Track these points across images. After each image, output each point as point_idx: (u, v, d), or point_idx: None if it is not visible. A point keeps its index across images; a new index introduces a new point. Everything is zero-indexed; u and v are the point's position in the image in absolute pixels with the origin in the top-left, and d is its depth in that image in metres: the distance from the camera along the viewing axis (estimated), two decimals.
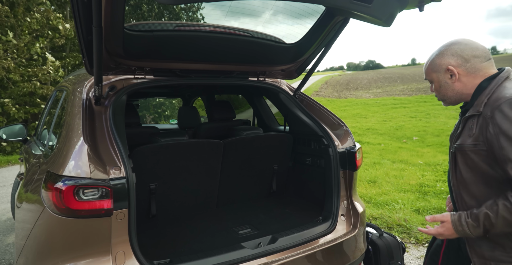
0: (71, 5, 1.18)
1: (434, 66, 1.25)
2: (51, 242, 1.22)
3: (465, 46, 1.20)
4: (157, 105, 12.64)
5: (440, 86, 1.26)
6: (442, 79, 1.25)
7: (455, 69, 1.20)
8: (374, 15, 1.29)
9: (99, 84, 1.40)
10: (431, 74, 1.27)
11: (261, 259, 1.43)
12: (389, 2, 1.27)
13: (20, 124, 2.93)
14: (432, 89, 1.31)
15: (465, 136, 1.17)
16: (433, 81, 1.28)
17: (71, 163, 1.22)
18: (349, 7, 1.23)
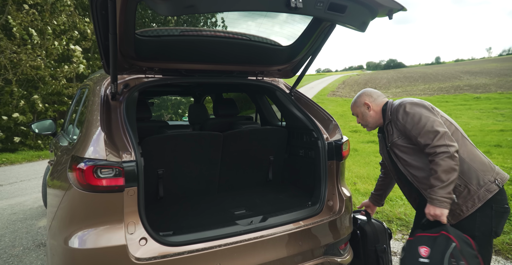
0: (91, 16, 1.43)
1: (356, 103, 1.87)
2: (76, 211, 1.47)
3: (370, 91, 1.87)
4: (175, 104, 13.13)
5: (363, 116, 1.84)
6: (362, 111, 1.84)
7: (369, 103, 1.82)
8: (347, 23, 1.47)
9: (114, 82, 1.65)
10: (356, 109, 1.87)
11: (251, 234, 1.64)
12: (360, 12, 1.43)
13: (50, 120, 3.26)
14: (358, 121, 1.89)
15: (390, 136, 1.73)
16: (358, 114, 1.86)
17: (91, 148, 1.47)
18: (325, 17, 1.41)
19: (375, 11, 1.46)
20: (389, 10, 1.45)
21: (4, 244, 3.17)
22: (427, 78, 34.29)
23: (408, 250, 1.54)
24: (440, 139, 1.49)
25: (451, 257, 1.38)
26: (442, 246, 1.42)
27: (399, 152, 1.70)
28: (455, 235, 1.44)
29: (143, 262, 1.41)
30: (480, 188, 1.53)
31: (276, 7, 1.28)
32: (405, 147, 1.67)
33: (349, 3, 1.37)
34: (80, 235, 1.40)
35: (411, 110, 1.61)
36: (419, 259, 1.45)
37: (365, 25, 1.51)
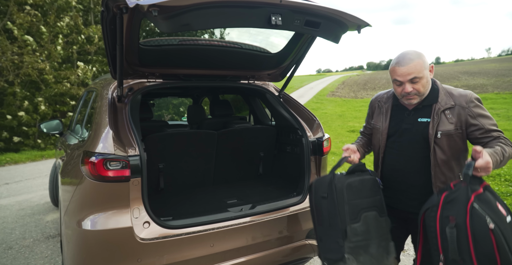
0: (102, 30, 1.66)
1: (425, 64, 1.43)
2: (88, 198, 1.69)
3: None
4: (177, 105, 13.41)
5: (427, 81, 1.46)
6: (428, 76, 1.47)
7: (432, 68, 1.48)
8: (322, 36, 1.71)
9: (120, 86, 1.88)
10: (424, 71, 1.43)
11: (241, 219, 1.86)
12: (332, 27, 1.66)
13: (57, 120, 3.49)
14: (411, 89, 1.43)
15: (445, 124, 1.44)
16: (423, 78, 1.43)
17: (100, 144, 1.70)
18: (303, 31, 1.64)
19: (345, 26, 1.69)
20: (357, 26, 1.68)
21: (15, 236, 3.40)
22: None
23: (493, 211, 1.20)
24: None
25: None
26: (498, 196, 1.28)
27: (445, 145, 1.44)
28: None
29: (146, 242, 1.63)
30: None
31: (259, 24, 1.51)
32: (456, 142, 1.45)
33: (322, 20, 1.59)
34: (91, 218, 1.63)
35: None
36: (507, 219, 1.21)
37: (338, 37, 1.74)
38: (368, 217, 1.48)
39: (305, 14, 1.54)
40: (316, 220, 1.59)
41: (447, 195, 1.27)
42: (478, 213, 1.18)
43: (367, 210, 1.49)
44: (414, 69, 1.42)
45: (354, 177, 1.53)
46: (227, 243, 1.82)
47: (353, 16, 1.61)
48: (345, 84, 32.68)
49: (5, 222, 3.85)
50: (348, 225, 1.43)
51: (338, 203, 1.46)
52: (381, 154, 1.64)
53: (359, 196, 1.49)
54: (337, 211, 1.46)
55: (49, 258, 2.89)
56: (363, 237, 1.45)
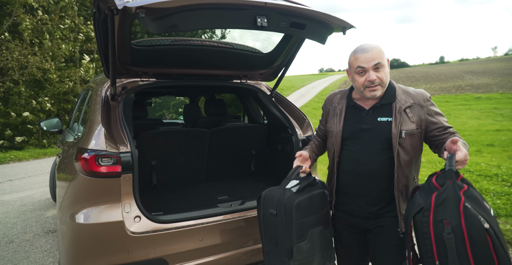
0: (94, 30, 1.72)
1: (385, 53, 1.38)
2: (81, 193, 1.76)
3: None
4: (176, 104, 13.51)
5: (388, 73, 1.41)
6: (388, 67, 1.41)
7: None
8: (308, 37, 1.75)
9: (114, 85, 1.94)
10: (385, 59, 1.38)
11: (230, 215, 1.92)
12: (318, 28, 1.70)
13: (57, 118, 3.56)
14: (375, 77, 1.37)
15: (407, 123, 1.38)
16: (385, 66, 1.38)
17: (93, 141, 1.76)
18: (289, 32, 1.68)
19: (330, 28, 1.73)
20: (343, 27, 1.73)
21: (16, 231, 3.49)
22: (429, 78, 34.32)
23: (483, 209, 1.13)
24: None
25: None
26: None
27: (408, 145, 1.39)
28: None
29: (137, 235, 1.70)
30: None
31: (245, 26, 1.55)
32: (417, 142, 1.42)
33: (307, 22, 1.64)
34: (84, 211, 1.69)
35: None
36: (491, 213, 1.15)
37: (324, 38, 1.78)
38: (314, 233, 1.47)
39: (290, 16, 1.59)
40: (263, 234, 1.55)
41: (437, 196, 1.15)
42: (472, 213, 1.09)
43: (314, 227, 1.47)
44: (378, 55, 1.37)
45: (303, 195, 1.47)
46: (216, 237, 1.88)
47: (337, 18, 1.66)
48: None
49: (7, 217, 3.95)
50: (295, 245, 1.41)
51: (287, 223, 1.42)
52: (336, 158, 1.54)
53: (307, 214, 1.46)
54: (285, 231, 1.43)
55: (48, 252, 2.97)
56: (308, 254, 1.45)
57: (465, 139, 9.77)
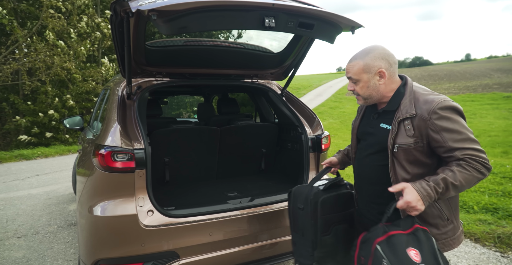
0: (111, 32, 1.81)
1: (366, 67, 1.31)
2: (98, 187, 1.86)
3: (388, 52, 1.32)
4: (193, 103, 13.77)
5: (368, 86, 1.34)
6: (371, 80, 1.33)
7: (385, 72, 1.31)
8: (317, 37, 1.76)
9: (129, 85, 2.03)
10: (361, 74, 1.33)
11: (239, 211, 1.97)
12: (326, 28, 1.71)
13: (79, 117, 3.75)
14: (352, 88, 1.38)
15: (403, 136, 1.26)
16: (360, 81, 1.34)
17: (109, 138, 1.85)
18: (297, 32, 1.70)
19: (339, 27, 1.73)
20: (351, 27, 1.73)
21: (41, 223, 3.70)
22: (454, 77, 33.00)
23: (394, 257, 1.15)
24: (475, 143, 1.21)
25: (440, 253, 1.18)
26: (428, 244, 1.18)
27: (403, 160, 1.29)
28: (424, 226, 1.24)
29: (150, 228, 1.78)
30: (459, 227, 1.34)
31: (253, 26, 1.59)
32: (415, 157, 1.28)
33: (315, 21, 1.65)
34: (101, 204, 1.79)
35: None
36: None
37: (333, 38, 1.78)
38: (338, 230, 1.55)
39: (297, 16, 1.60)
40: (292, 226, 1.69)
41: (365, 235, 1.26)
42: (378, 255, 1.16)
43: (338, 223, 1.56)
44: (351, 70, 1.35)
45: (330, 193, 1.57)
46: (226, 232, 1.93)
47: (345, 18, 1.66)
48: None
49: (34, 209, 4.19)
50: (319, 238, 1.52)
51: (312, 217, 1.53)
52: (353, 154, 1.57)
53: (332, 211, 1.55)
54: (310, 224, 1.54)
55: (70, 243, 3.14)
56: (332, 248, 1.54)
57: (491, 139, 9.36)
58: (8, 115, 10.91)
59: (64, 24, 10.02)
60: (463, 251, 2.78)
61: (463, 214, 3.40)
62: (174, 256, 1.82)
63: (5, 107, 10.92)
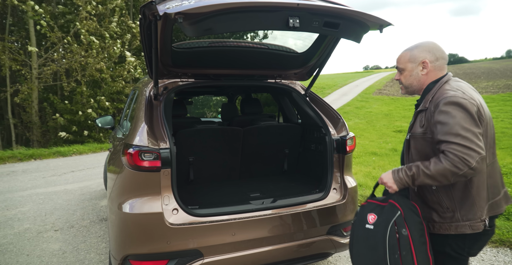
0: (140, 35, 1.88)
1: (412, 57, 1.47)
2: (127, 185, 1.94)
3: (438, 47, 1.45)
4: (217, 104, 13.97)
5: (411, 75, 1.48)
6: (414, 69, 1.47)
7: (429, 63, 1.44)
8: (342, 37, 1.72)
9: (156, 86, 2.10)
10: (406, 63, 1.48)
11: (261, 211, 1.97)
12: (352, 28, 1.66)
13: (110, 116, 3.92)
14: (398, 77, 1.54)
15: (416, 126, 1.44)
16: (405, 70, 1.50)
17: (137, 137, 1.92)
18: (322, 32, 1.67)
19: (366, 26, 1.68)
20: (379, 25, 1.66)
21: (76, 217, 3.93)
22: (492, 75, 30.88)
23: (358, 216, 1.53)
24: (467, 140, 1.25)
25: (394, 224, 1.37)
26: (388, 214, 1.41)
27: (413, 147, 1.47)
28: (402, 204, 1.41)
29: (174, 226, 1.82)
30: (466, 221, 1.37)
31: (277, 27, 1.58)
32: (422, 147, 1.43)
33: (341, 21, 1.61)
34: (130, 202, 1.86)
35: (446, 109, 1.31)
36: (366, 226, 1.46)
37: (360, 37, 1.73)
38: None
39: (323, 15, 1.57)
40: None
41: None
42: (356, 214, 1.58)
43: None
44: (399, 59, 1.53)
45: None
46: (248, 233, 1.93)
47: (373, 16, 1.60)
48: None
49: (69, 204, 4.45)
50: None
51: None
52: None
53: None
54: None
55: (102, 238, 3.30)
56: None
57: None
58: (49, 114, 11.69)
59: (97, 26, 10.57)
60: (501, 261, 2.60)
61: (502, 221, 3.17)
62: (198, 254, 1.86)
63: (46, 106, 11.72)
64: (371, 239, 1.41)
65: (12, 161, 7.88)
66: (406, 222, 1.37)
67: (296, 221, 2.03)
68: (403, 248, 1.34)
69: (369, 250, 1.42)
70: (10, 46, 10.65)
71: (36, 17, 9.65)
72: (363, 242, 1.46)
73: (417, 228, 1.37)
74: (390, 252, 1.34)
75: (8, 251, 3.01)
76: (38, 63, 10.67)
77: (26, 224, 3.67)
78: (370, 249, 1.41)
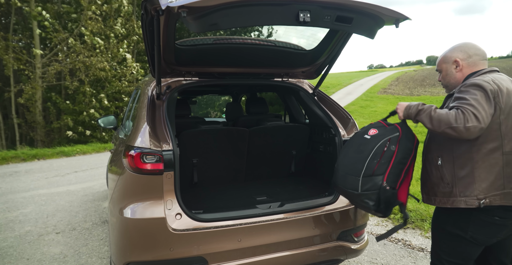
0: (142, 32, 1.80)
1: (445, 58, 1.61)
2: (128, 189, 1.85)
3: (471, 45, 1.57)
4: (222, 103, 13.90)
5: (447, 74, 1.61)
6: (449, 69, 1.60)
7: (460, 61, 1.55)
8: (355, 32, 1.62)
9: (159, 85, 2.01)
10: (442, 65, 1.63)
11: (268, 216, 1.87)
12: (366, 22, 1.56)
13: (113, 116, 3.85)
14: (439, 79, 1.67)
15: (444, 108, 1.53)
16: (442, 70, 1.64)
17: (139, 138, 1.84)
18: (333, 27, 1.57)
19: (381, 21, 1.57)
20: (396, 19, 1.56)
21: (78, 219, 3.86)
22: None
23: (363, 128, 1.72)
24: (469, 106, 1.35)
25: (388, 140, 1.55)
26: (388, 131, 1.59)
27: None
28: (404, 130, 1.57)
29: (178, 232, 1.73)
30: (462, 197, 1.45)
31: (286, 22, 1.48)
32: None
33: (355, 15, 1.51)
34: (131, 206, 1.77)
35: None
36: (364, 135, 1.65)
37: (374, 32, 1.63)
38: None
39: (335, 9, 1.48)
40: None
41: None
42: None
43: None
44: (437, 62, 1.68)
45: None
46: (255, 239, 1.84)
47: (389, 10, 1.50)
48: (400, 81, 30.41)
49: (72, 205, 4.39)
50: None
51: None
52: None
53: None
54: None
55: (104, 241, 3.23)
56: None
57: None
58: (52, 114, 11.70)
59: (101, 26, 10.55)
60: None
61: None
62: (203, 261, 1.77)
63: (49, 107, 11.73)
64: (362, 145, 1.62)
65: (16, 161, 7.86)
66: (399, 143, 1.55)
67: (305, 226, 1.94)
68: (384, 158, 1.54)
69: (356, 153, 1.64)
70: (14, 45, 10.66)
71: (40, 17, 9.64)
72: (355, 146, 1.67)
73: (404, 152, 1.55)
74: (372, 157, 1.56)
75: (8, 255, 2.94)
76: (41, 63, 10.68)
77: (27, 227, 3.61)
78: (357, 152, 1.63)
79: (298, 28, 2.09)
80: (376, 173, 1.54)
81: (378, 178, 1.54)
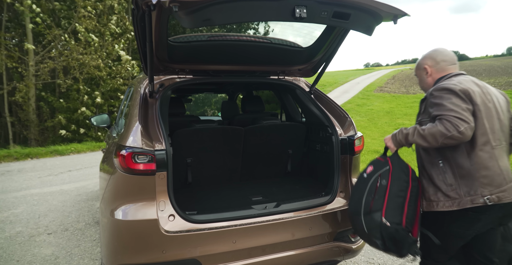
0: (133, 28, 1.73)
1: (418, 65, 1.76)
2: (119, 190, 1.80)
3: (439, 52, 1.69)
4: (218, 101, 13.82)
5: (421, 80, 1.77)
6: (421, 75, 1.75)
7: (429, 68, 1.69)
8: (353, 28, 1.57)
9: (152, 82, 1.95)
10: (416, 71, 1.79)
11: (264, 217, 1.83)
12: (364, 18, 1.52)
13: (106, 114, 3.77)
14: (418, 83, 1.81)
15: (419, 114, 1.67)
16: (417, 76, 1.80)
17: (130, 138, 1.78)
18: (330, 23, 1.53)
19: (379, 17, 1.53)
20: (394, 16, 1.52)
21: (71, 219, 3.79)
22: (494, 72, 30.67)
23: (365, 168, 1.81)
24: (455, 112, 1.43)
25: (379, 175, 1.65)
26: (379, 167, 1.68)
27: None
28: (396, 163, 1.66)
29: (171, 234, 1.69)
30: (467, 196, 1.49)
31: (282, 17, 1.43)
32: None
33: (352, 11, 1.47)
34: (123, 208, 1.72)
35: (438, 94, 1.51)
36: (363, 174, 1.75)
37: (371, 29, 1.59)
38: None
39: (332, 5, 1.44)
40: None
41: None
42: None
43: None
44: (414, 68, 1.81)
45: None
46: (250, 240, 1.80)
47: (387, 6, 1.46)
48: (396, 79, 30.46)
49: (64, 205, 4.32)
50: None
51: None
52: None
53: None
54: None
55: (97, 242, 3.17)
56: None
57: None
58: (46, 113, 11.54)
59: (96, 24, 10.40)
60: None
61: None
62: (196, 264, 1.73)
63: (42, 106, 11.56)
64: (361, 184, 1.72)
65: (8, 160, 7.75)
66: (391, 177, 1.62)
67: (301, 226, 1.90)
68: (378, 194, 1.61)
69: (357, 191, 1.73)
70: (6, 43, 10.48)
71: (32, 14, 9.48)
72: (356, 186, 1.78)
73: (399, 184, 1.60)
74: (367, 194, 1.65)
75: None
76: (35, 60, 10.51)
77: (18, 227, 3.54)
78: (358, 191, 1.73)
79: (295, 25, 2.04)
80: (374, 209, 1.59)
81: (377, 214, 1.58)
